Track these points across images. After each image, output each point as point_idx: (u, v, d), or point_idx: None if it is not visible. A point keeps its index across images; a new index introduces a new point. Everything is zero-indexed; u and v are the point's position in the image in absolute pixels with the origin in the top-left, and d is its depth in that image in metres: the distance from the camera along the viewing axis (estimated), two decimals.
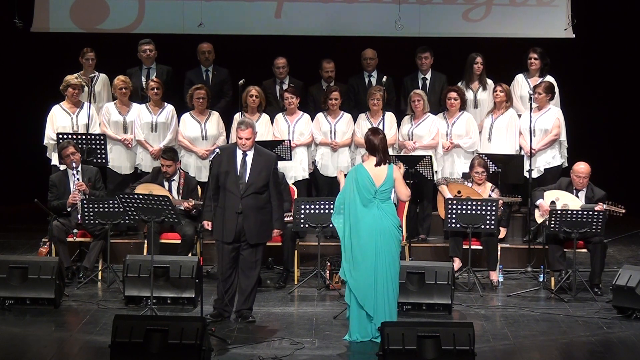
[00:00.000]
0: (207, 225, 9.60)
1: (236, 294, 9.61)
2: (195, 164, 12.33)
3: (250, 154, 9.56)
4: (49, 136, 12.18)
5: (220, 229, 9.50)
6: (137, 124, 12.34)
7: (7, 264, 10.20)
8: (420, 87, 12.77)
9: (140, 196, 10.11)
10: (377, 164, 9.11)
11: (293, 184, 12.04)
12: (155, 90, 12.27)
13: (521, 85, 12.61)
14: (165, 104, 12.45)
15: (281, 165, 11.97)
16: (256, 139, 11.93)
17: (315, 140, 12.45)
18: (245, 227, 9.44)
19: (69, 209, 11.23)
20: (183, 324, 8.33)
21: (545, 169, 12.22)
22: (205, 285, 9.78)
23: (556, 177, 11.97)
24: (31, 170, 13.68)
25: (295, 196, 11.52)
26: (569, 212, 10.58)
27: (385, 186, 9.07)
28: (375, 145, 9.13)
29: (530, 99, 11.94)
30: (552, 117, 12.16)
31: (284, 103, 12.46)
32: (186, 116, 12.40)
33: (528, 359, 9.00)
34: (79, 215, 10.98)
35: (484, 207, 10.85)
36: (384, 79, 12.19)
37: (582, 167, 11.09)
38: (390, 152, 11.93)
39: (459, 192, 11.50)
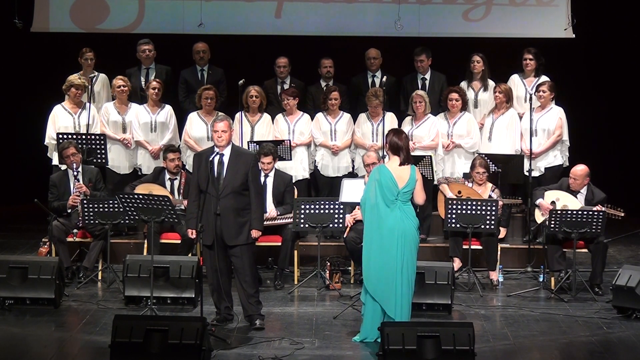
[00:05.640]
0: (192, 233, 9.43)
1: (240, 299, 9.53)
2: None
3: (227, 154, 9.31)
4: (50, 136, 12.17)
5: (204, 233, 9.30)
6: (136, 125, 12.35)
7: (7, 264, 10.19)
8: (419, 87, 12.77)
9: (140, 196, 10.11)
10: (401, 164, 9.07)
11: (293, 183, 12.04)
12: (157, 91, 12.28)
13: (517, 85, 12.61)
14: (163, 103, 12.46)
15: (281, 165, 11.98)
16: (257, 139, 12.09)
17: (315, 141, 12.45)
18: (223, 228, 9.26)
19: (69, 211, 11.23)
20: (183, 324, 8.33)
21: (545, 168, 12.22)
22: (205, 285, 9.77)
23: (556, 176, 11.98)
24: (31, 170, 13.70)
25: (295, 196, 11.52)
26: (569, 212, 10.58)
27: (407, 187, 9.01)
28: (399, 145, 9.07)
29: (527, 99, 11.95)
30: (555, 117, 12.16)
31: (282, 104, 12.47)
32: (193, 116, 12.38)
33: (528, 359, 9.00)
34: (79, 217, 10.98)
35: (484, 207, 10.85)
36: (384, 79, 12.20)
37: (577, 170, 11.06)
38: None
39: (459, 192, 11.50)
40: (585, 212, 10.55)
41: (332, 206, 10.80)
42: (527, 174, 11.87)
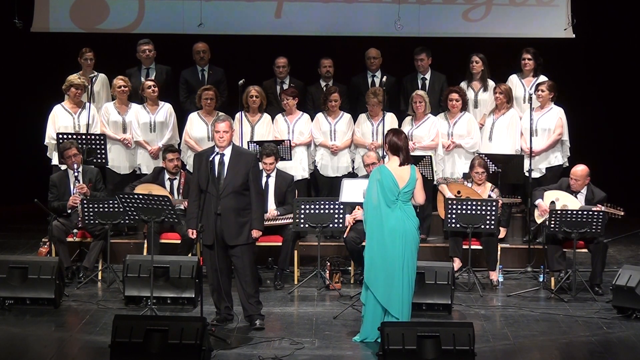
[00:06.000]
0: (192, 233, 9.43)
1: (240, 299, 9.53)
2: None
3: (227, 154, 9.31)
4: (50, 136, 12.17)
5: (204, 233, 9.30)
6: (135, 125, 12.34)
7: (7, 264, 10.19)
8: (419, 87, 12.77)
9: (140, 196, 10.11)
10: (401, 164, 9.07)
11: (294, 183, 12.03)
12: (153, 88, 12.28)
13: (515, 85, 12.60)
14: (162, 102, 12.46)
15: (281, 165, 11.99)
16: (257, 139, 12.10)
17: (315, 141, 12.45)
18: (224, 228, 9.25)
19: (69, 211, 11.23)
20: (183, 324, 8.33)
21: (546, 168, 12.22)
22: (205, 285, 9.77)
23: (557, 176, 11.98)
24: (31, 170, 13.69)
25: (295, 196, 11.51)
26: (569, 212, 10.58)
27: (408, 187, 9.01)
28: (399, 145, 9.06)
29: (526, 99, 11.96)
30: (555, 117, 12.16)
31: (282, 104, 12.48)
32: (194, 116, 12.38)
33: (528, 359, 9.00)
34: (79, 218, 10.98)
35: (483, 207, 10.85)
36: (384, 79, 12.20)
37: (578, 170, 11.06)
38: None
39: (458, 192, 11.50)
40: (585, 212, 10.55)
41: (332, 206, 10.80)
42: (527, 174, 11.87)
